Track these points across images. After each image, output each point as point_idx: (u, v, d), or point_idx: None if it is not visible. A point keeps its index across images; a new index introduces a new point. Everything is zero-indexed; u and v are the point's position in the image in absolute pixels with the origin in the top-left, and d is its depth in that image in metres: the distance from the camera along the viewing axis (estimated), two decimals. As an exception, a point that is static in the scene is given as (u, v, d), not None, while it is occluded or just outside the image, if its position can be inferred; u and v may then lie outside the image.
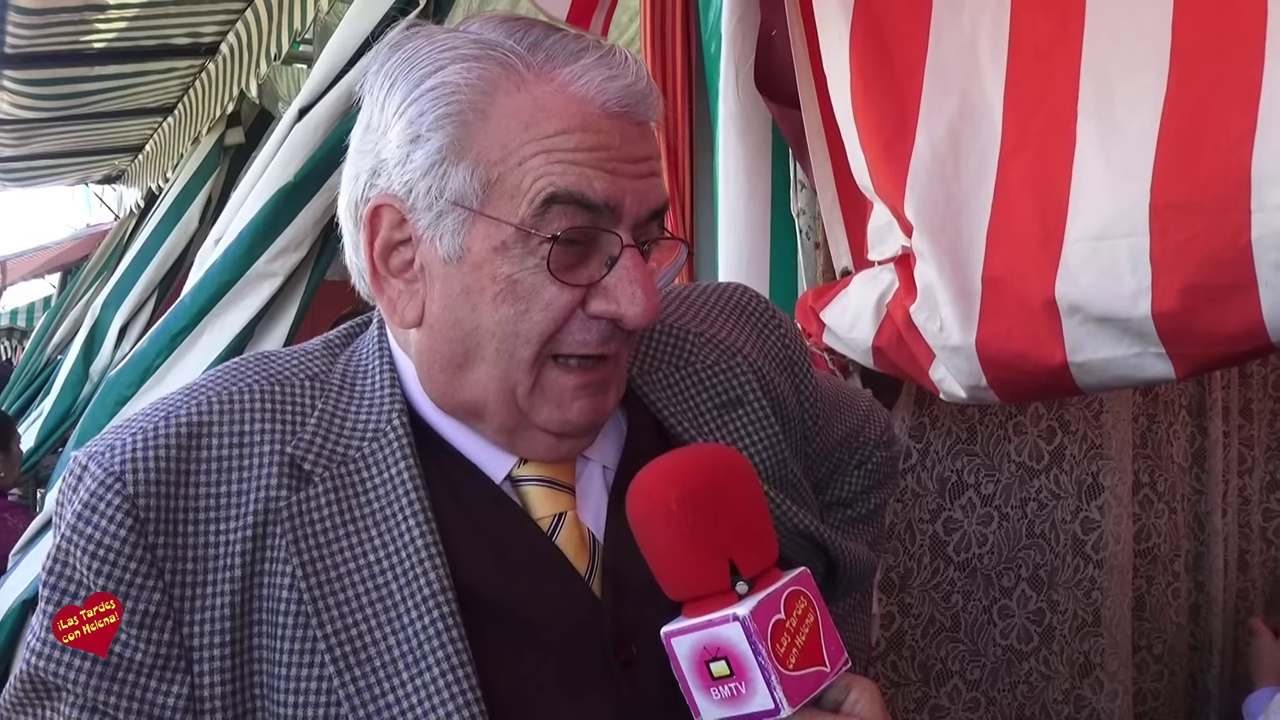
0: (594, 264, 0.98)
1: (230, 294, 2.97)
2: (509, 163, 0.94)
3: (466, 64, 0.96)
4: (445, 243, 0.97)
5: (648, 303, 0.97)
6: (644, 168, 0.98)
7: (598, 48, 0.98)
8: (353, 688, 0.94)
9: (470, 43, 0.97)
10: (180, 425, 0.99)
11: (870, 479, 1.46)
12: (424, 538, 0.97)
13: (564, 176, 0.94)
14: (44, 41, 4.60)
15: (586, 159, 0.94)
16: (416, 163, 0.96)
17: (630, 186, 0.97)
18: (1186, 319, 1.39)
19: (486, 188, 0.95)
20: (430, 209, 0.97)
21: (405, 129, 0.97)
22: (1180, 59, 1.39)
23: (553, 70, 0.96)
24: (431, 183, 0.96)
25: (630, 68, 0.97)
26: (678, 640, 0.96)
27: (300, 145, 2.84)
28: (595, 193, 0.95)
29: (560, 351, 0.99)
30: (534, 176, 0.94)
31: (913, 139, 1.74)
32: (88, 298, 7.72)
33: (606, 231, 0.97)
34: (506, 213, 0.95)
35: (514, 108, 0.95)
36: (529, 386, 1.00)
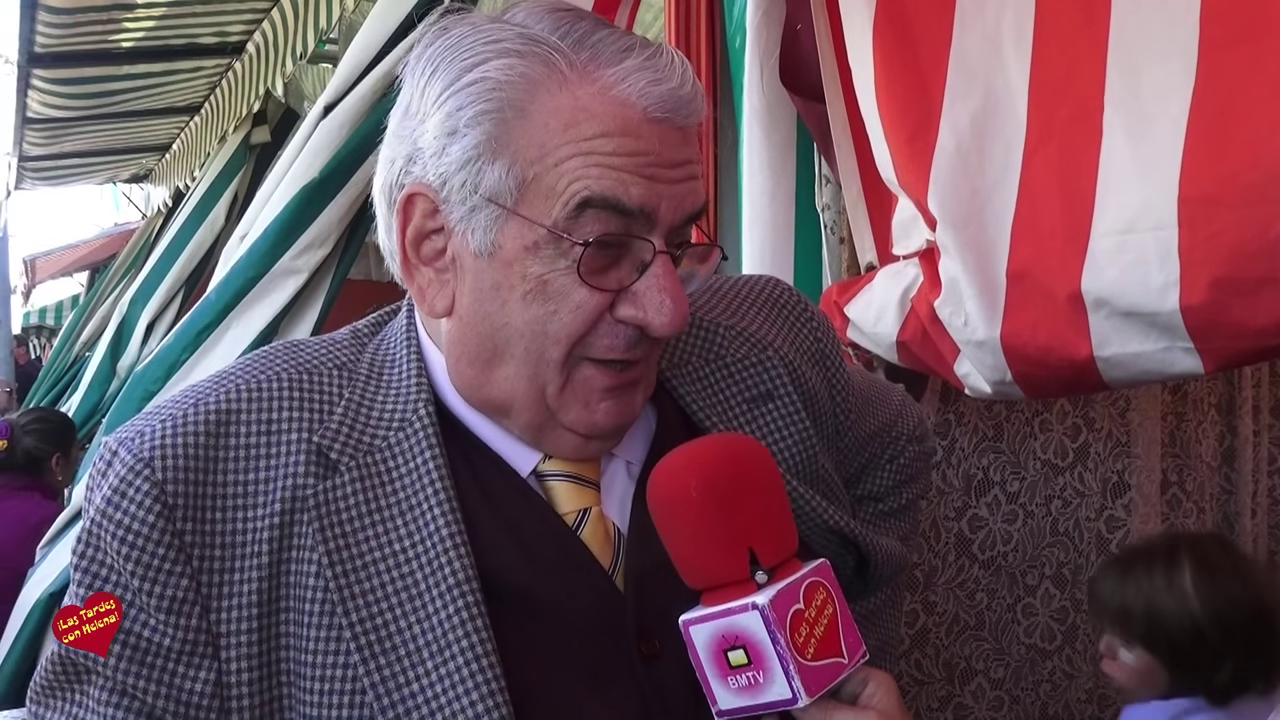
0: (625, 268, 0.97)
1: (255, 290, 2.99)
2: (545, 163, 0.93)
3: (509, 60, 0.94)
4: (477, 237, 0.96)
5: (675, 312, 0.96)
6: (682, 172, 0.96)
7: (644, 48, 0.96)
8: (377, 675, 0.94)
9: (515, 36, 0.95)
10: (209, 412, 0.99)
11: (902, 473, 1.44)
12: (449, 527, 0.97)
13: (600, 180, 0.92)
14: (73, 41, 4.65)
15: (624, 164, 0.93)
16: (452, 156, 0.95)
17: (667, 192, 0.95)
18: (1215, 312, 1.38)
19: (521, 187, 0.94)
20: (464, 203, 0.96)
21: (444, 121, 0.95)
22: (1209, 50, 1.38)
23: (597, 70, 0.94)
24: (466, 177, 0.95)
25: (676, 70, 0.95)
26: (696, 629, 0.96)
27: (325, 142, 2.85)
28: (631, 199, 0.93)
29: (588, 355, 0.99)
30: (570, 179, 0.93)
31: (936, 132, 1.73)
32: (115, 295, 7.79)
33: (639, 238, 0.96)
34: (540, 213, 0.94)
35: (555, 107, 0.93)
36: (559, 386, 0.99)
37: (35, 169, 7.96)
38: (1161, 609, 1.79)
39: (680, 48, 2.38)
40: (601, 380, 0.99)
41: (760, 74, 2.17)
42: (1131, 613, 1.83)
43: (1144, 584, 1.82)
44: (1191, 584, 1.78)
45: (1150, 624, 1.81)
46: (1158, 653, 1.81)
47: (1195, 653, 1.77)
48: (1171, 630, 1.78)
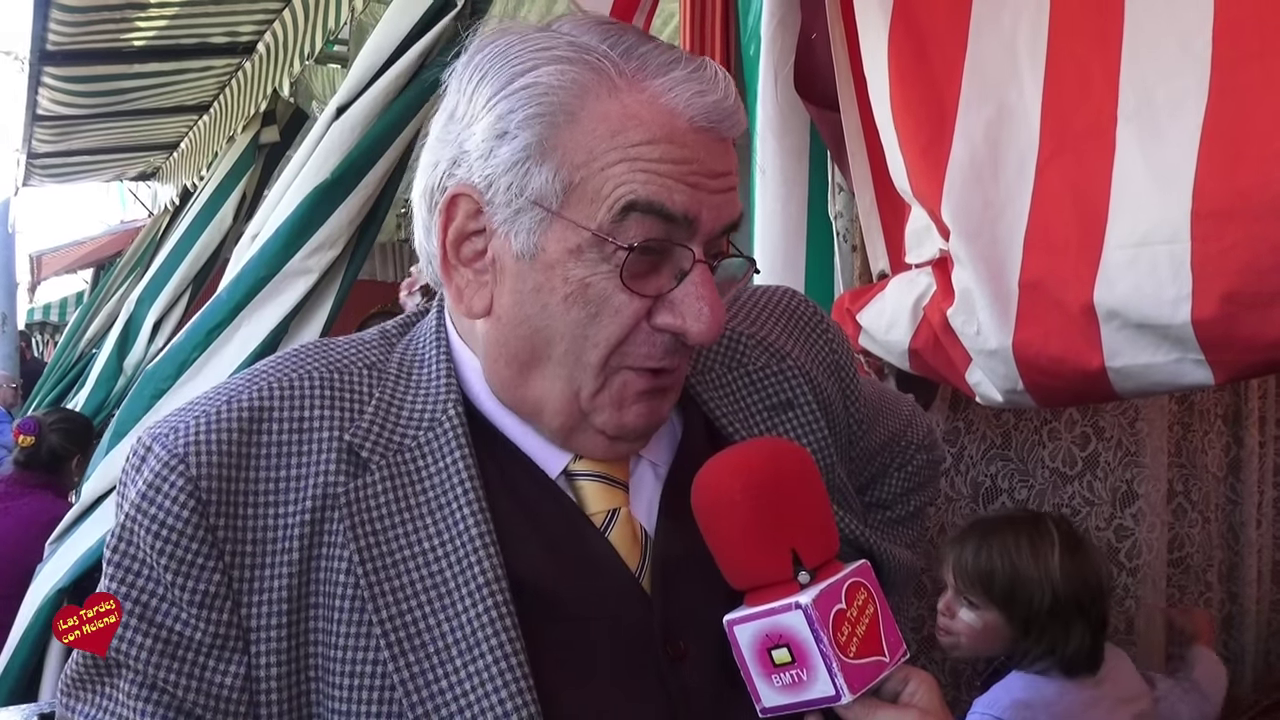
0: (665, 275, 0.98)
1: (266, 290, 3.00)
2: (592, 167, 0.95)
3: (560, 65, 0.96)
4: (520, 240, 0.98)
5: (712, 320, 0.97)
6: (723, 182, 0.98)
7: (690, 61, 0.98)
8: (406, 673, 0.95)
9: (566, 44, 0.97)
10: (242, 410, 1.01)
11: (911, 481, 1.46)
12: (478, 526, 0.99)
13: (646, 186, 0.94)
14: (84, 39, 4.66)
15: (670, 170, 0.94)
16: (500, 158, 0.97)
17: (709, 201, 0.97)
18: (1227, 326, 1.39)
19: (567, 190, 0.95)
20: (509, 205, 0.98)
21: (493, 124, 0.97)
22: (1222, 64, 1.39)
23: (645, 80, 0.96)
24: (513, 179, 0.96)
25: (720, 84, 0.97)
26: (740, 628, 0.98)
27: (337, 143, 2.87)
28: (675, 204, 0.95)
29: (626, 364, 1.00)
30: (615, 183, 0.94)
31: (950, 142, 1.74)
32: (121, 293, 7.81)
33: (680, 245, 0.97)
34: (584, 217, 0.95)
35: (603, 113, 0.95)
36: (594, 390, 1.00)
37: (44, 166, 7.97)
38: (1026, 576, 1.95)
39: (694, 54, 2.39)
40: (638, 383, 1.01)
41: (774, 82, 2.18)
42: (994, 576, 1.98)
43: (1010, 551, 1.97)
44: (1058, 558, 1.95)
45: (1012, 589, 1.96)
46: (1013, 617, 1.96)
47: (1049, 621, 1.93)
48: (1032, 597, 1.94)
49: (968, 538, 2.03)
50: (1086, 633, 1.93)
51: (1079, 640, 1.93)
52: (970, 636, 2.02)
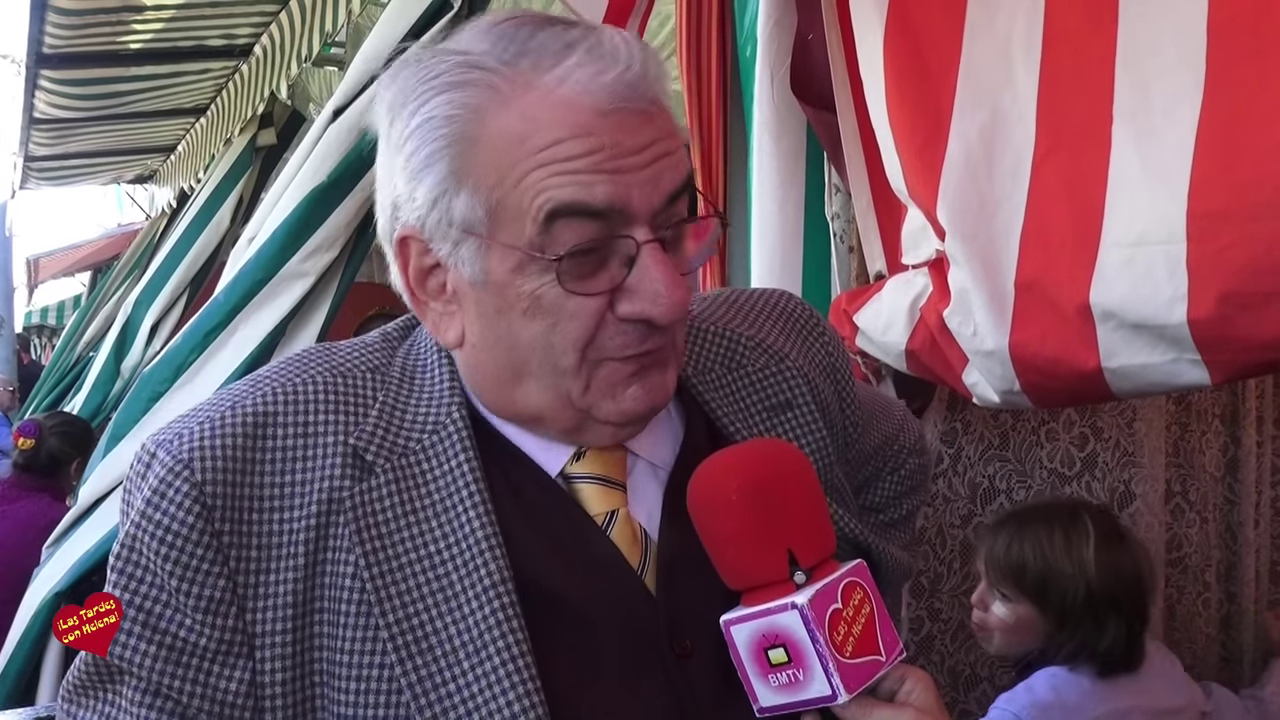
0: (614, 266, 0.96)
1: (263, 293, 3.00)
2: (506, 185, 0.93)
3: (448, 94, 0.94)
4: (468, 269, 0.97)
5: (672, 298, 0.95)
6: (649, 155, 0.95)
7: (584, 38, 0.94)
8: (414, 676, 0.95)
9: (454, 66, 0.95)
10: (246, 415, 1.00)
11: (903, 485, 1.47)
12: (484, 529, 0.98)
13: (562, 189, 0.92)
14: (81, 42, 4.66)
15: (584, 164, 0.92)
16: (420, 198, 0.96)
17: (636, 181, 0.94)
18: (1223, 326, 1.39)
19: (490, 214, 0.94)
20: (445, 239, 0.97)
21: (404, 166, 0.97)
22: (1217, 63, 1.39)
23: (538, 78, 0.93)
24: (439, 215, 0.96)
25: (620, 53, 0.94)
26: (737, 628, 0.98)
27: (334, 146, 2.87)
28: (597, 199, 0.92)
29: (603, 357, 0.99)
30: (533, 194, 0.92)
31: (946, 142, 1.74)
32: (119, 296, 7.81)
33: (619, 237, 0.95)
34: (514, 236, 0.94)
35: (502, 127, 0.93)
36: (582, 388, 1.00)
37: (40, 169, 7.98)
38: (1058, 569, 1.90)
39: (691, 56, 2.39)
40: (622, 370, 1.00)
41: (771, 83, 2.18)
42: (1025, 569, 1.93)
43: (1042, 543, 1.93)
44: (1093, 551, 1.90)
45: (1044, 582, 1.91)
46: (1046, 610, 1.91)
47: (1082, 616, 1.88)
48: (1065, 591, 1.89)
49: (1001, 529, 1.98)
50: (1122, 628, 1.88)
51: (1114, 636, 1.87)
52: (1004, 630, 1.97)
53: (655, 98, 0.96)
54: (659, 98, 0.97)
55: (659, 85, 0.96)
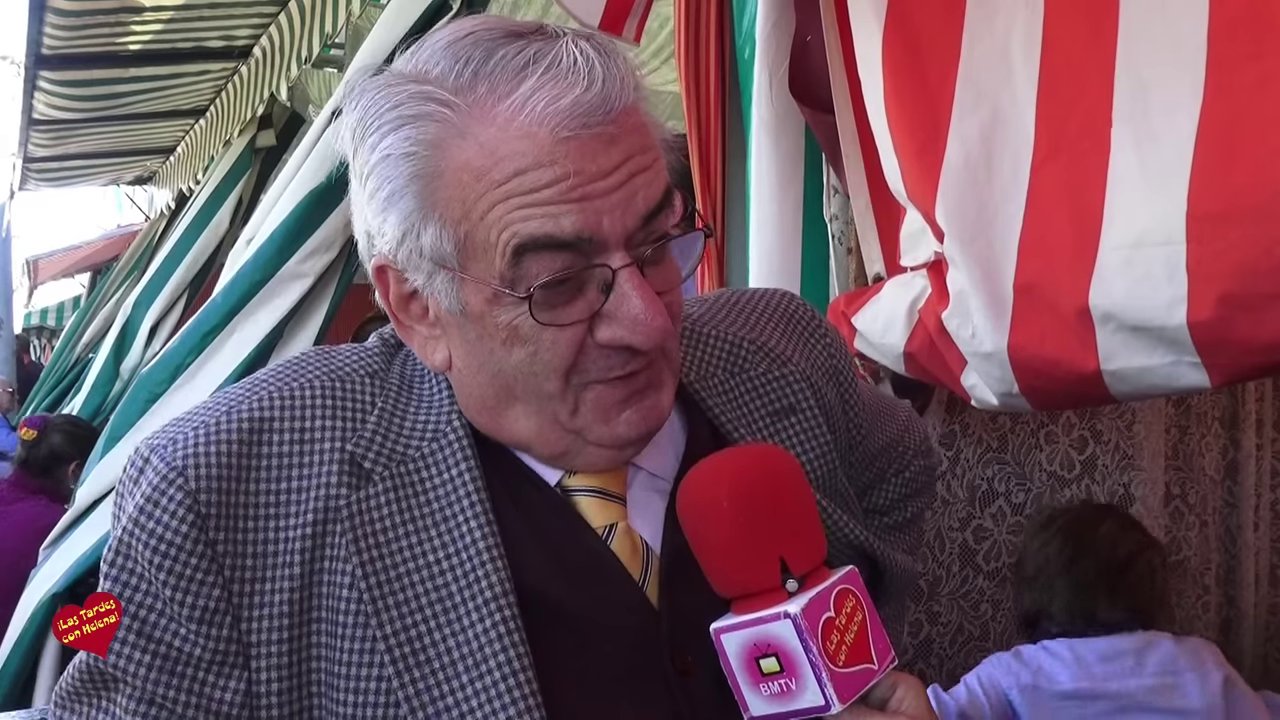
0: (590, 294, 0.93)
1: (261, 294, 3.00)
2: (471, 219, 0.91)
3: (405, 130, 0.91)
4: (444, 299, 0.95)
5: (652, 324, 0.92)
6: (619, 176, 0.91)
7: (542, 57, 0.90)
8: (412, 689, 0.93)
9: (410, 97, 0.91)
10: (242, 420, 0.99)
11: (908, 487, 1.45)
12: (485, 540, 0.97)
13: (527, 223, 0.89)
14: (80, 43, 4.66)
15: (548, 196, 0.88)
16: (390, 232, 0.94)
17: (606, 206, 0.90)
18: (1222, 328, 1.38)
19: (459, 247, 0.92)
20: (419, 270, 0.95)
21: (369, 201, 0.95)
22: (1217, 65, 1.38)
23: (494, 106, 0.89)
24: (410, 248, 0.94)
25: (581, 71, 0.89)
26: (727, 637, 0.96)
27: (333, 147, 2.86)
28: (565, 230, 0.89)
29: (589, 380, 0.97)
30: (499, 229, 0.90)
31: (945, 144, 1.74)
32: (118, 297, 7.81)
33: (593, 266, 0.92)
34: (484, 270, 0.92)
35: (463, 162, 0.90)
36: (570, 410, 0.98)
37: (40, 170, 7.98)
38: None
39: (689, 58, 2.38)
40: (612, 395, 0.98)
41: (769, 84, 2.17)
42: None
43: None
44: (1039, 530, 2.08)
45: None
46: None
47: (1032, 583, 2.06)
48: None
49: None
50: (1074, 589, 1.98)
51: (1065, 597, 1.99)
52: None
53: (621, 114, 0.91)
54: (627, 111, 0.92)
55: (620, 96, 0.91)
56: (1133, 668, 1.90)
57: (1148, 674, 1.89)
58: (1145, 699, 1.90)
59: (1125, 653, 1.90)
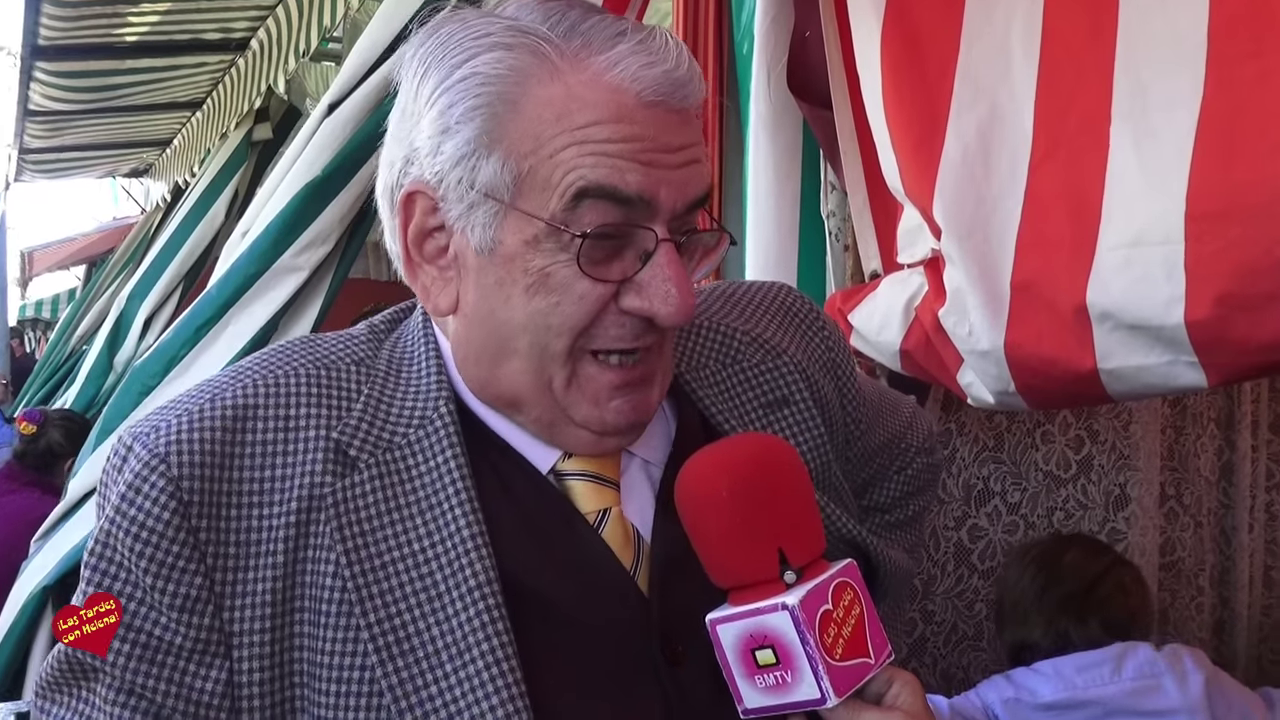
0: (628, 258, 0.95)
1: (256, 287, 2.99)
2: (540, 154, 0.92)
3: (498, 53, 0.93)
4: (477, 234, 0.95)
5: (681, 301, 0.94)
6: (682, 156, 0.94)
7: (637, 31, 0.94)
8: (395, 678, 0.93)
9: (505, 29, 0.94)
10: (226, 408, 0.98)
11: (910, 485, 1.44)
12: (470, 528, 0.96)
13: (595, 169, 0.91)
14: (77, 34, 4.64)
15: (620, 150, 0.91)
16: (447, 154, 0.94)
17: (666, 178, 0.93)
18: (1220, 328, 1.37)
19: (518, 180, 0.92)
20: (461, 200, 0.95)
21: (436, 119, 0.94)
22: (1216, 63, 1.37)
23: (588, 58, 0.92)
24: (462, 174, 0.94)
25: (670, 51, 0.93)
26: (723, 628, 0.96)
27: (329, 140, 2.85)
28: (629, 186, 0.91)
29: (594, 346, 0.97)
30: (565, 169, 0.91)
31: (943, 140, 1.73)
32: (113, 290, 7.79)
33: (641, 227, 0.93)
34: (537, 207, 0.92)
35: (547, 98, 0.92)
36: (565, 380, 0.98)
37: (35, 162, 7.96)
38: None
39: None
40: (608, 378, 0.98)
41: (767, 80, 2.16)
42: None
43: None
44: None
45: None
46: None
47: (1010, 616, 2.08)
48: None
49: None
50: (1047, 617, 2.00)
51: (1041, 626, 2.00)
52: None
53: (695, 103, 0.96)
54: (694, 105, 0.96)
55: (699, 93, 0.96)
56: (1111, 674, 1.91)
57: (1126, 678, 1.90)
58: (1124, 703, 1.91)
59: (1103, 662, 1.92)
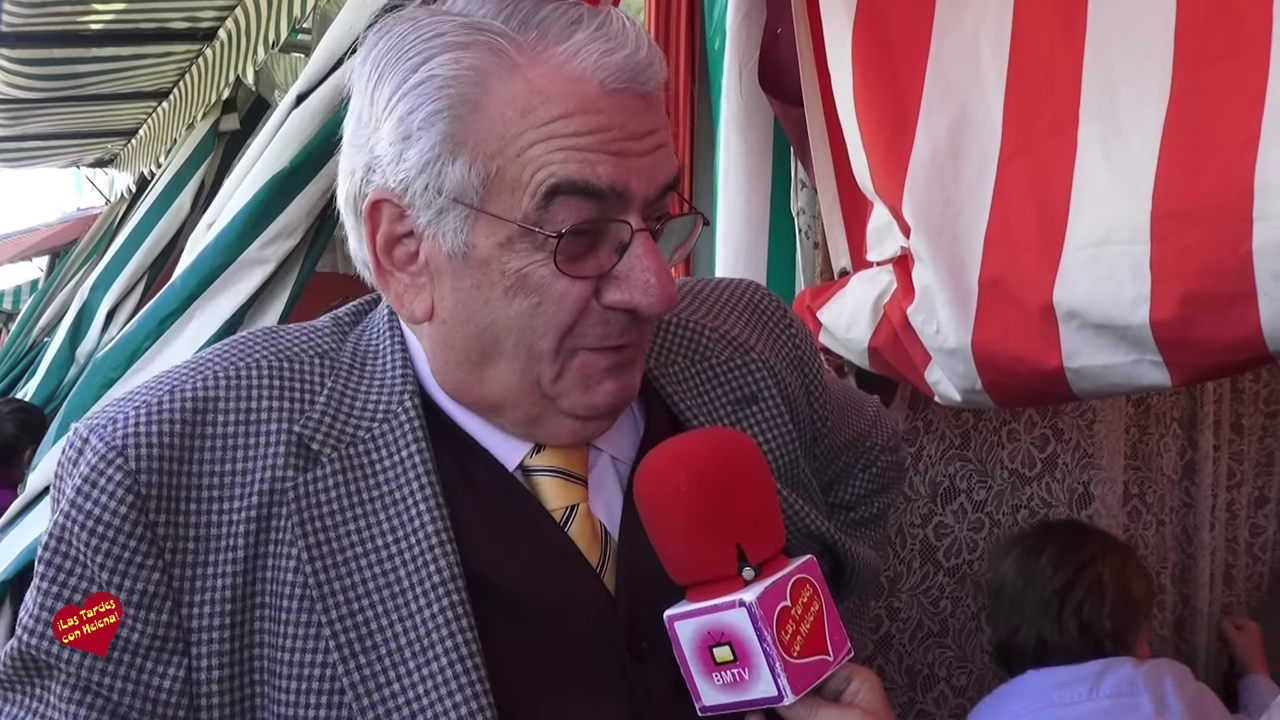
0: (604, 252, 0.94)
1: (221, 279, 2.95)
2: (507, 154, 0.90)
3: (454, 53, 0.91)
4: (449, 240, 0.93)
5: (662, 290, 0.94)
6: (650, 142, 0.93)
7: (593, 17, 0.92)
8: (357, 675, 0.92)
9: (458, 27, 0.92)
10: (186, 400, 0.96)
11: (875, 482, 1.44)
12: (434, 524, 0.95)
13: (565, 165, 0.89)
14: (41, 21, 4.57)
15: (589, 143, 0.89)
16: (410, 161, 0.92)
17: (637, 166, 0.92)
18: (1185, 327, 1.39)
19: (486, 182, 0.91)
20: (429, 206, 0.93)
21: (396, 126, 0.92)
22: (1183, 65, 1.39)
23: (546, 50, 0.91)
24: (428, 180, 0.92)
25: (629, 35, 0.92)
26: (681, 624, 0.95)
27: (296, 132, 2.82)
28: (601, 179, 0.90)
29: (581, 345, 0.96)
30: (534, 167, 0.90)
31: (913, 139, 1.74)
32: (76, 281, 7.69)
33: (615, 220, 0.93)
34: (508, 208, 0.91)
35: (509, 95, 0.90)
36: (554, 375, 0.97)
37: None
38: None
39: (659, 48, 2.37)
40: (601, 361, 0.97)
41: (739, 76, 2.16)
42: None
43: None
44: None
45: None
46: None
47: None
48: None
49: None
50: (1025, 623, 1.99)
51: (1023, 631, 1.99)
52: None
53: (658, 85, 0.95)
54: (656, 88, 0.95)
55: (660, 75, 0.95)
56: (1088, 691, 1.92)
57: (1103, 696, 1.91)
58: None
59: (1083, 679, 1.93)
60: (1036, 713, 1.92)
